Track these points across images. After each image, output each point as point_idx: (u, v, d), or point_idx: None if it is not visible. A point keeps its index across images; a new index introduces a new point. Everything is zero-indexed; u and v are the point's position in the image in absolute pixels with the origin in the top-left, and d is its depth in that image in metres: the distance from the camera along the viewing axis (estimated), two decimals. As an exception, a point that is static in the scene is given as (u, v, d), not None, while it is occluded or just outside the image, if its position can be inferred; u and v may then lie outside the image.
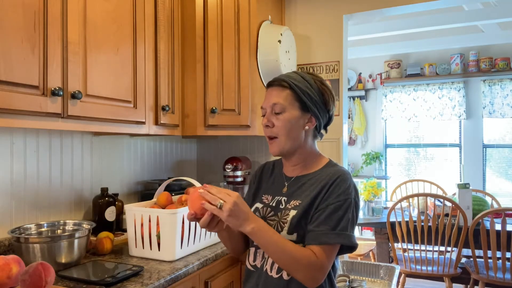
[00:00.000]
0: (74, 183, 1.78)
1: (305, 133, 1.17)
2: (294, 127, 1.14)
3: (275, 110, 1.14)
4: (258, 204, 1.23)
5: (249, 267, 1.21)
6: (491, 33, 4.41)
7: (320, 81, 1.18)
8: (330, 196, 1.09)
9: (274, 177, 1.27)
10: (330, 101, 1.17)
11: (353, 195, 1.10)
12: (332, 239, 1.05)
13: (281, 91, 1.15)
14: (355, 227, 1.10)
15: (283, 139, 1.14)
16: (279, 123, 1.14)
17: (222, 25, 2.05)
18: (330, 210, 1.07)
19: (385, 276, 2.09)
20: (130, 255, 1.56)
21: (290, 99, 1.14)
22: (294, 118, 1.14)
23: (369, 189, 3.28)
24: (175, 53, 1.93)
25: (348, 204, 1.08)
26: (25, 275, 1.07)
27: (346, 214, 1.07)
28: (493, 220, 2.68)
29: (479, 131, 4.80)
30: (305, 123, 1.15)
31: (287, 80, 1.14)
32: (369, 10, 2.36)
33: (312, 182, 1.16)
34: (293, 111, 1.14)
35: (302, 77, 1.16)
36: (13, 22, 1.15)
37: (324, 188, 1.11)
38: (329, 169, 1.18)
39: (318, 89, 1.16)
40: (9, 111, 1.14)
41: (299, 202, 1.13)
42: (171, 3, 1.89)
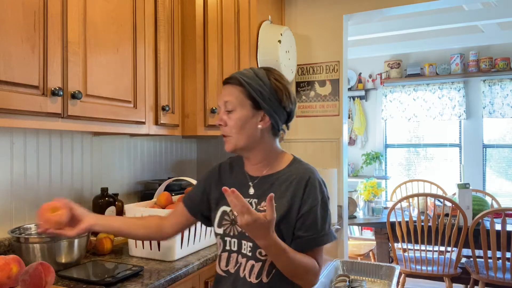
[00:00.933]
0: (74, 183, 1.78)
1: (261, 131, 1.13)
2: (247, 125, 1.11)
3: (227, 109, 1.12)
4: (224, 207, 1.18)
5: (220, 273, 1.17)
6: (491, 33, 4.41)
7: (275, 78, 1.13)
8: (309, 198, 1.09)
9: (236, 176, 1.22)
10: (284, 98, 1.12)
11: (326, 192, 1.14)
12: (323, 241, 1.09)
13: (233, 89, 1.12)
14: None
15: (236, 137, 1.12)
16: (231, 122, 1.12)
17: (222, 25, 2.05)
18: (314, 213, 1.09)
19: (385, 276, 2.09)
20: (130, 255, 1.57)
21: (241, 97, 1.11)
22: (246, 116, 1.11)
23: (369, 189, 3.28)
24: (175, 53, 1.93)
25: (325, 201, 1.12)
26: (25, 275, 1.07)
27: (326, 212, 1.11)
28: (493, 220, 2.68)
29: (479, 131, 4.80)
30: (258, 121, 1.12)
31: (238, 77, 1.12)
32: (369, 10, 2.36)
33: (281, 182, 1.14)
34: (244, 109, 1.11)
35: (255, 73, 1.12)
36: (13, 22, 1.15)
37: (299, 190, 1.10)
38: (296, 167, 1.16)
39: (271, 86, 1.11)
40: (9, 111, 1.14)
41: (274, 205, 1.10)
42: (171, 3, 1.89)
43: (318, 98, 2.47)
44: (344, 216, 2.43)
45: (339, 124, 2.41)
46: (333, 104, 2.43)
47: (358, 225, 4.02)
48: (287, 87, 1.14)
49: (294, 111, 1.18)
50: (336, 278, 2.07)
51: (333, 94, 2.44)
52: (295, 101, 1.18)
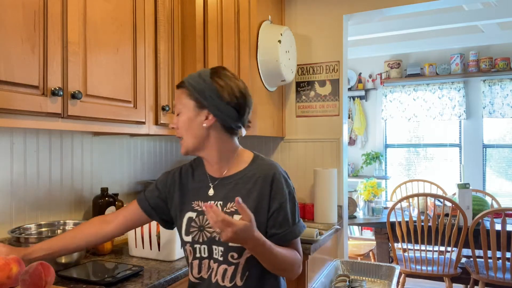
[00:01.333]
0: (74, 183, 1.78)
1: (208, 130, 1.13)
2: (192, 126, 1.13)
3: (176, 112, 1.17)
4: (190, 213, 1.15)
5: (193, 280, 1.15)
6: (491, 33, 4.41)
7: (218, 75, 1.13)
8: (277, 195, 1.11)
9: (198, 180, 1.20)
10: (226, 94, 1.10)
11: (292, 184, 1.17)
12: (297, 233, 1.13)
13: (178, 92, 1.16)
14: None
15: (185, 139, 1.15)
16: (180, 124, 1.15)
17: (222, 25, 2.05)
18: (284, 209, 1.11)
19: (385, 276, 2.09)
20: (130, 255, 1.57)
21: (185, 100, 1.13)
22: (190, 117, 1.13)
23: (369, 189, 3.28)
24: (175, 53, 1.93)
25: (292, 195, 1.15)
26: (25, 275, 1.07)
27: (294, 205, 1.14)
28: (493, 220, 2.68)
29: (479, 131, 4.80)
30: (203, 120, 1.12)
31: (184, 80, 1.15)
32: (369, 10, 2.36)
33: (245, 181, 1.13)
34: (188, 111, 1.13)
35: (199, 74, 1.14)
36: (13, 22, 1.15)
37: (265, 188, 1.11)
38: (258, 164, 1.15)
39: (211, 84, 1.11)
40: (9, 111, 1.14)
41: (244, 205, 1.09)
42: (171, 3, 1.89)
43: (318, 98, 2.47)
44: (344, 216, 2.44)
45: (339, 124, 2.41)
46: (333, 104, 2.43)
47: (358, 225, 4.02)
48: (230, 84, 1.12)
49: (244, 107, 1.14)
50: (336, 278, 2.07)
51: (333, 94, 2.44)
52: (243, 96, 1.13)
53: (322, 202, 2.27)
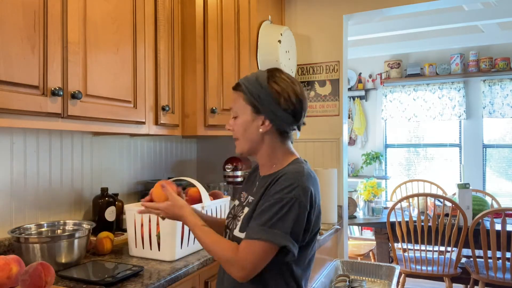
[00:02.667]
0: (74, 183, 1.78)
1: (263, 134, 1.14)
2: (249, 130, 1.15)
3: (232, 115, 1.19)
4: (236, 201, 1.27)
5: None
6: (491, 33, 4.41)
7: (275, 80, 1.13)
8: (269, 193, 1.08)
9: (254, 176, 1.29)
10: (282, 101, 1.11)
11: (295, 194, 1.03)
12: (255, 234, 1.02)
13: (235, 95, 1.17)
14: (296, 228, 1.03)
15: (241, 142, 1.18)
16: (236, 128, 1.18)
17: (222, 25, 2.05)
18: (265, 206, 1.04)
19: (385, 276, 2.09)
20: (130, 255, 1.57)
21: (242, 104, 1.15)
22: (247, 122, 1.14)
23: (369, 189, 3.28)
24: (175, 53, 1.93)
25: (286, 202, 1.02)
26: (25, 275, 1.07)
27: (280, 211, 1.02)
28: (493, 220, 2.68)
29: (479, 131, 4.80)
30: (259, 125, 1.13)
31: (241, 82, 1.15)
32: (369, 10, 2.36)
33: (269, 179, 1.16)
34: (245, 115, 1.14)
35: (256, 77, 1.14)
36: (13, 22, 1.15)
37: (270, 185, 1.10)
38: (287, 167, 1.15)
39: (269, 90, 1.11)
40: (9, 111, 1.14)
41: (252, 199, 1.16)
42: (171, 3, 1.89)
43: (318, 98, 2.47)
44: (344, 216, 2.44)
45: (339, 124, 2.41)
46: (333, 104, 2.43)
47: (358, 225, 4.02)
48: (287, 89, 1.12)
49: (300, 112, 1.15)
50: (336, 278, 2.07)
51: (333, 94, 2.44)
52: (300, 101, 1.14)
53: (322, 202, 2.27)
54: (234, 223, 1.18)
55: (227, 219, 1.25)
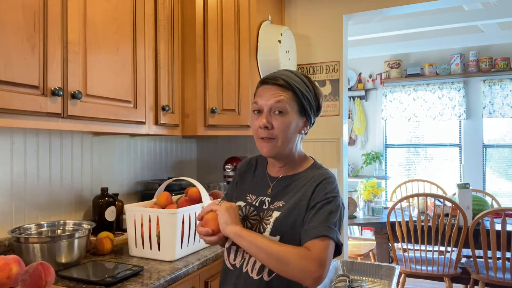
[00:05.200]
0: (74, 183, 1.78)
1: (298, 136, 1.17)
2: (292, 130, 1.11)
3: (276, 110, 1.09)
4: (241, 202, 1.22)
5: (228, 266, 1.18)
6: (491, 33, 4.41)
7: (315, 84, 1.18)
8: (318, 195, 1.08)
9: (258, 175, 1.25)
10: (322, 105, 1.18)
11: (339, 195, 1.10)
12: (322, 231, 1.03)
13: (282, 91, 1.10)
14: (341, 229, 1.10)
15: (280, 141, 1.11)
16: (280, 125, 1.09)
17: (222, 25, 2.05)
18: (319, 207, 1.06)
19: (385, 276, 2.09)
20: (130, 255, 1.57)
21: (291, 102, 1.10)
22: (294, 121, 1.11)
23: (369, 189, 3.28)
24: (175, 53, 1.93)
25: (337, 201, 1.08)
26: (25, 275, 1.07)
27: (335, 210, 1.07)
28: (493, 220, 2.68)
29: (479, 131, 4.80)
30: (301, 127, 1.15)
31: (288, 81, 1.10)
32: (369, 10, 2.36)
33: (297, 184, 1.15)
34: (293, 114, 1.11)
35: (300, 79, 1.13)
36: (13, 22, 1.15)
37: (309, 189, 1.10)
38: (314, 171, 1.16)
39: (315, 93, 1.15)
40: (9, 111, 1.14)
41: (283, 204, 1.12)
42: (171, 3, 1.89)
43: (318, 98, 2.47)
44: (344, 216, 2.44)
45: (339, 124, 2.41)
46: (333, 104, 2.43)
47: (358, 225, 4.02)
48: (323, 96, 1.20)
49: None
50: (336, 278, 2.07)
51: (333, 94, 2.44)
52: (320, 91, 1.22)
53: (322, 202, 2.27)
54: (259, 226, 1.12)
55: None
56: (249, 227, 1.14)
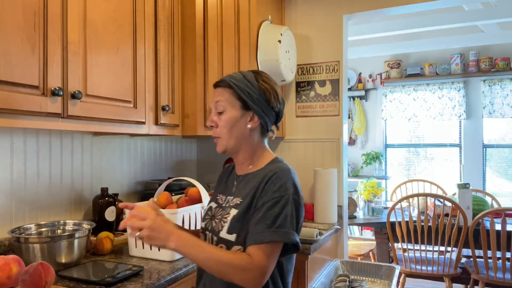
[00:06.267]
0: (74, 183, 1.78)
1: (250, 131, 1.16)
2: (236, 126, 1.15)
3: (217, 110, 1.16)
4: (212, 203, 1.24)
5: (199, 267, 1.20)
6: (491, 33, 4.41)
7: (263, 79, 1.17)
8: (266, 194, 1.07)
9: (229, 176, 1.28)
10: (272, 99, 1.16)
11: (291, 191, 1.06)
12: (267, 237, 1.01)
13: (222, 91, 1.16)
14: (297, 225, 1.07)
15: (226, 138, 1.16)
16: (221, 123, 1.16)
17: (222, 25, 2.05)
18: (266, 208, 1.04)
19: (385, 276, 2.09)
20: (130, 255, 1.57)
21: (230, 99, 1.15)
22: (235, 117, 1.14)
23: (369, 189, 3.28)
24: (175, 53, 1.93)
25: (285, 200, 1.04)
26: (25, 275, 1.07)
27: (283, 211, 1.03)
28: (493, 220, 2.68)
29: (479, 131, 4.80)
30: (248, 121, 1.15)
31: (227, 79, 1.16)
32: (369, 10, 2.36)
33: (253, 180, 1.15)
34: (234, 110, 1.14)
35: (243, 76, 1.16)
36: (13, 22, 1.15)
37: (260, 186, 1.09)
38: (270, 166, 1.16)
39: (259, 87, 1.15)
40: (9, 111, 1.14)
41: (240, 201, 1.13)
42: (171, 3, 1.89)
43: (318, 98, 2.47)
44: (344, 216, 2.44)
45: (339, 124, 2.41)
46: (333, 104, 2.43)
47: (358, 225, 4.02)
48: (275, 88, 1.18)
49: (282, 111, 1.22)
50: (336, 278, 2.08)
51: (333, 94, 2.44)
52: (283, 101, 1.21)
53: (322, 202, 2.27)
54: (219, 224, 1.13)
55: (204, 221, 1.21)
56: (214, 226, 1.15)
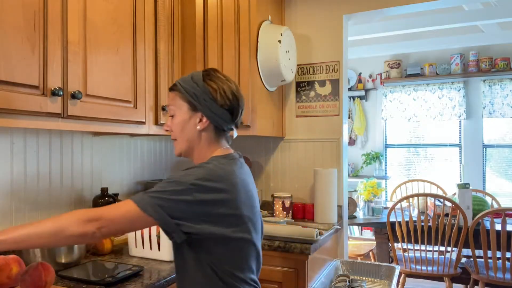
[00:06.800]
0: (74, 183, 1.78)
1: (200, 132, 1.16)
2: (186, 128, 1.15)
3: (169, 114, 1.19)
4: None
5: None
6: (491, 33, 4.41)
7: (210, 78, 1.15)
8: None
9: None
10: (219, 97, 1.13)
11: (190, 179, 1.00)
12: (133, 197, 1.00)
13: (173, 95, 1.18)
14: (178, 210, 0.99)
15: (179, 141, 1.17)
16: (173, 127, 1.17)
17: (222, 25, 2.05)
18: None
19: (385, 276, 2.09)
20: (130, 255, 1.57)
21: (179, 102, 1.16)
22: (184, 120, 1.15)
23: (369, 189, 3.28)
24: (175, 53, 1.93)
25: (174, 179, 1.01)
26: (25, 275, 1.07)
27: (164, 186, 1.00)
28: (493, 220, 2.68)
29: (479, 131, 4.81)
30: (197, 123, 1.15)
31: (176, 82, 1.18)
32: (369, 10, 2.36)
33: None
34: (182, 113, 1.15)
35: (191, 77, 1.17)
36: (13, 22, 1.15)
37: None
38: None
39: (204, 87, 1.13)
40: (9, 111, 1.14)
41: None
42: (171, 3, 1.89)
43: (318, 98, 2.47)
44: (344, 216, 2.44)
45: (339, 124, 2.41)
46: (333, 104, 2.43)
47: (358, 225, 4.02)
48: (222, 86, 1.15)
49: (238, 108, 1.17)
50: (336, 278, 2.08)
51: (333, 94, 2.44)
52: (235, 98, 1.16)
53: (322, 202, 2.27)
54: None
55: None
56: None
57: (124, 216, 0.98)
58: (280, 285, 1.81)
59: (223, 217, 1.03)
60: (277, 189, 2.56)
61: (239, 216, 1.06)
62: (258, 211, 1.18)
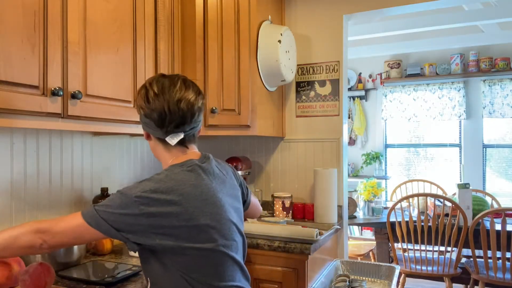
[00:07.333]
0: (74, 183, 1.78)
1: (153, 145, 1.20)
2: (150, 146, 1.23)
3: None
4: None
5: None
6: (491, 33, 4.41)
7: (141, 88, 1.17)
8: None
9: None
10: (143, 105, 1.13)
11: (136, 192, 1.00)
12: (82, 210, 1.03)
13: None
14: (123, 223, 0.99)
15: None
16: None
17: (222, 25, 2.05)
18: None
19: (385, 276, 2.09)
20: (130, 255, 1.57)
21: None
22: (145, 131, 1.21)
23: (369, 189, 3.28)
24: (175, 53, 1.93)
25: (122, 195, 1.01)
26: (25, 275, 1.07)
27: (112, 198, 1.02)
28: (493, 220, 2.68)
29: (479, 131, 4.81)
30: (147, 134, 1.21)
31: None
32: (369, 10, 2.36)
33: None
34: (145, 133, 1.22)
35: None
36: (13, 22, 1.15)
37: None
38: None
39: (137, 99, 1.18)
40: (9, 111, 1.14)
41: None
42: (171, 3, 1.89)
43: (318, 98, 2.47)
44: (344, 216, 2.44)
45: (339, 124, 2.41)
46: (333, 104, 2.43)
47: (358, 225, 4.02)
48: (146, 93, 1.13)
49: (159, 110, 1.10)
50: (336, 278, 2.08)
51: (333, 94, 2.44)
52: (155, 100, 1.11)
53: (322, 202, 2.27)
54: None
55: None
56: None
57: (71, 229, 1.00)
58: (280, 285, 1.81)
59: (176, 229, 1.00)
60: (277, 189, 2.56)
61: (194, 226, 1.01)
62: (228, 218, 1.10)
